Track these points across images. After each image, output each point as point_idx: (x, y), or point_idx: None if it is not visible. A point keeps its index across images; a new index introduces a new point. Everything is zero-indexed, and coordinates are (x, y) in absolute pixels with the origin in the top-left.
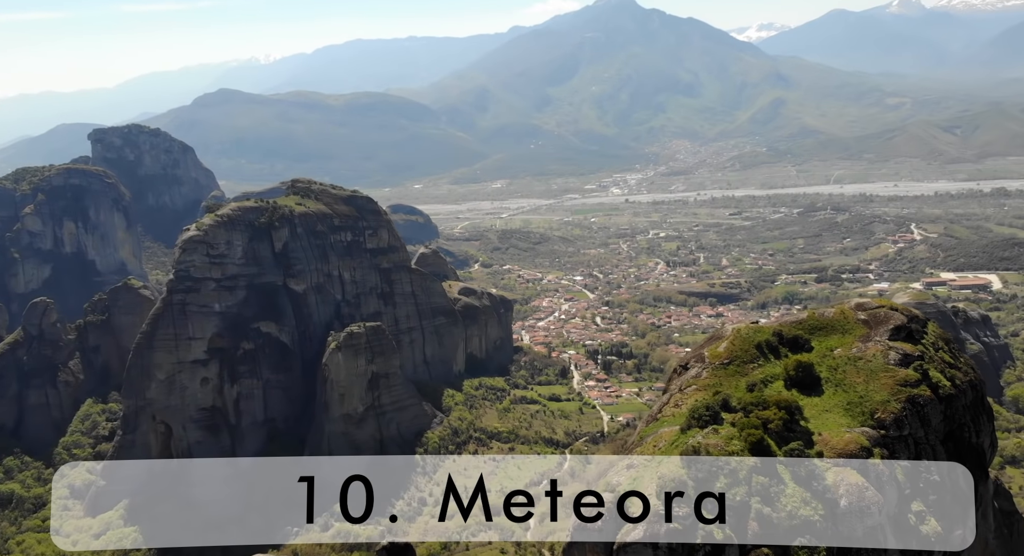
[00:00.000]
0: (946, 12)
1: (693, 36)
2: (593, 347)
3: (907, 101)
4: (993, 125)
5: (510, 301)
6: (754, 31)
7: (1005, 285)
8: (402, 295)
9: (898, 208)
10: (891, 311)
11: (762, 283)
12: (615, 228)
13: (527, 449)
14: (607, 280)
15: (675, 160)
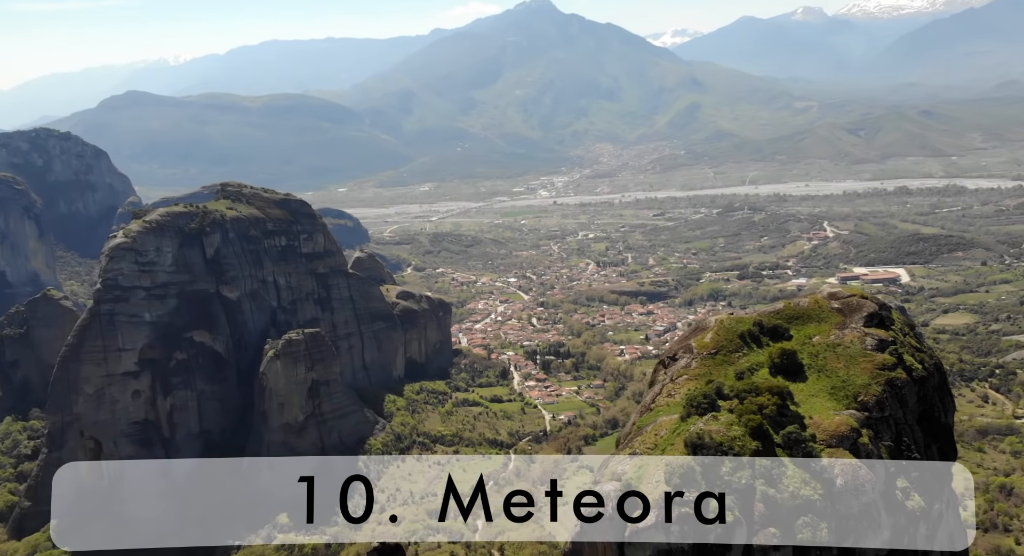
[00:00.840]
0: (846, 20)
1: (612, 41)
2: (531, 347)
3: (814, 105)
4: (894, 127)
5: (448, 304)
6: (669, 37)
7: (912, 278)
8: (339, 300)
9: (810, 207)
10: (862, 299)
11: (688, 281)
12: (545, 230)
13: (471, 451)
14: (541, 281)
15: (599, 163)
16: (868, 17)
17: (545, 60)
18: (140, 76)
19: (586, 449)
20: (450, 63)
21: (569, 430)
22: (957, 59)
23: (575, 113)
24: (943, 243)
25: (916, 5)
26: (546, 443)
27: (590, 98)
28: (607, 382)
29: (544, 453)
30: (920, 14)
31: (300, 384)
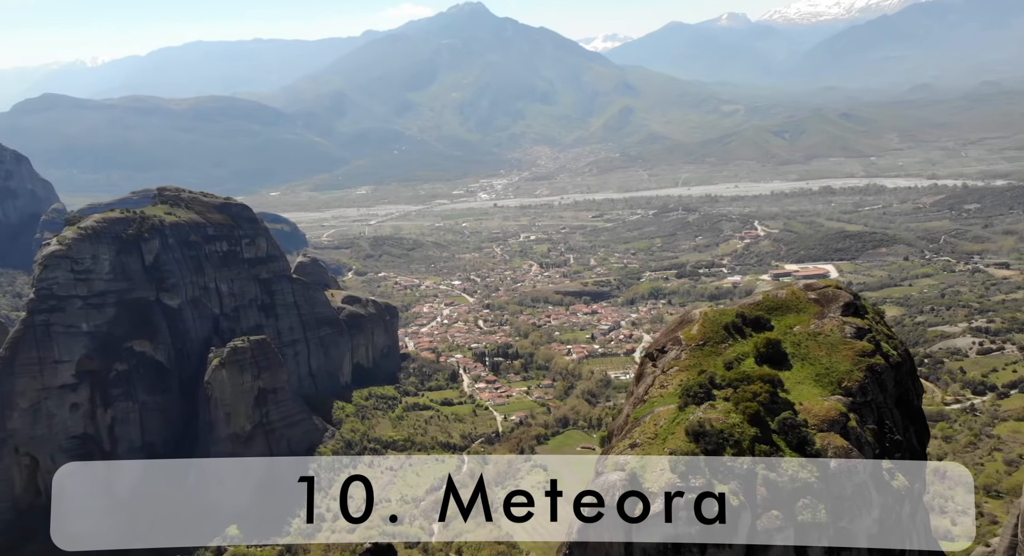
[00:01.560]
0: (769, 25)
1: (545, 45)
2: (480, 350)
3: (741, 108)
4: (816, 129)
5: (395, 308)
6: (600, 42)
7: (841, 274)
8: (284, 306)
9: (741, 207)
10: (837, 290)
11: (629, 280)
12: (487, 232)
13: (425, 456)
14: (485, 283)
15: (537, 165)
16: (789, 23)
17: (480, 63)
18: (55, 78)
19: (539, 448)
20: (384, 65)
21: (521, 430)
22: (873, 64)
23: (512, 116)
24: (867, 240)
25: (833, 12)
26: (499, 444)
27: (526, 101)
28: (556, 382)
29: (498, 454)
30: (837, 20)
31: (247, 393)
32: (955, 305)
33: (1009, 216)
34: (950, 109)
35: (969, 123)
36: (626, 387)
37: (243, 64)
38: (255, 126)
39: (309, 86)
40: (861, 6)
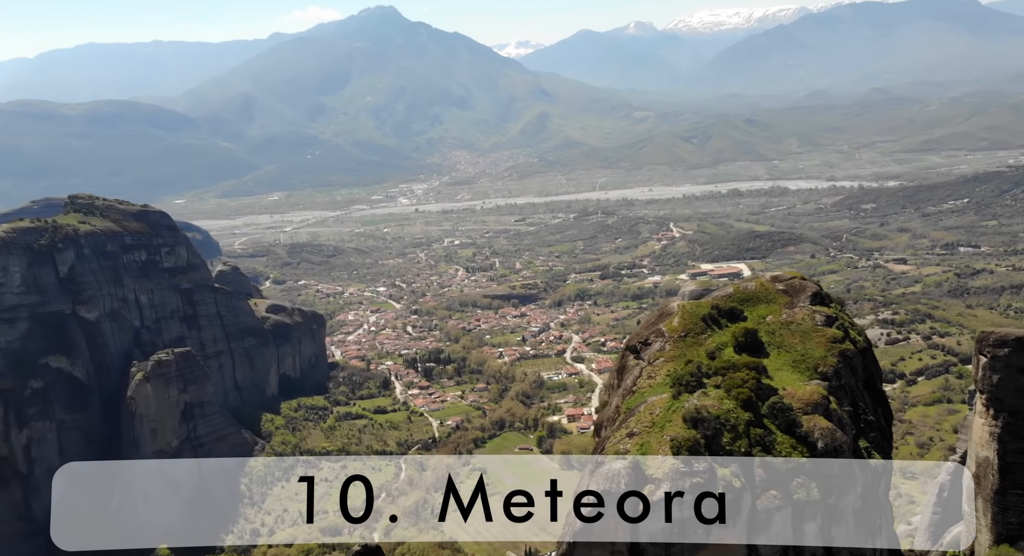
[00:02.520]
0: (674, 34)
1: (460, 50)
2: (410, 356)
3: (651, 115)
4: (722, 135)
5: (322, 316)
6: (513, 48)
7: (753, 272)
8: (207, 317)
9: (656, 210)
10: (803, 281)
11: (556, 283)
12: (410, 238)
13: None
14: (411, 289)
15: (456, 170)
16: (693, 32)
17: (395, 67)
18: None
19: (477, 452)
20: (293, 68)
21: (458, 435)
22: (771, 71)
23: (429, 120)
24: (776, 239)
25: (734, 22)
26: (436, 449)
27: (443, 106)
28: (490, 385)
29: (435, 459)
30: (737, 30)
31: (173, 407)
32: (861, 299)
33: (902, 215)
34: (843, 115)
35: (861, 128)
36: (559, 387)
37: (141, 67)
38: (157, 131)
39: (214, 90)
40: (759, 16)
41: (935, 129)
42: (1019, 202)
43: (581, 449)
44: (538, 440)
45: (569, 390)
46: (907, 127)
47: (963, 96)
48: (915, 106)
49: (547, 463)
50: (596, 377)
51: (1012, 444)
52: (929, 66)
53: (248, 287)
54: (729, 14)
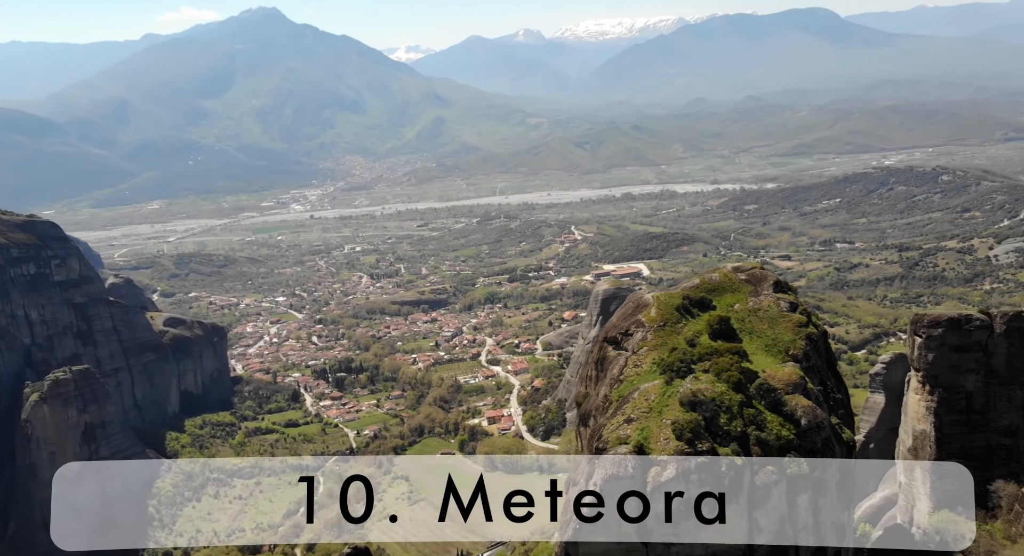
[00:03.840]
0: (561, 42)
1: (349, 54)
2: (319, 366)
3: (544, 121)
4: (612, 141)
5: (223, 328)
6: (403, 52)
7: (652, 271)
8: (102, 332)
9: (556, 213)
10: (762, 271)
11: (465, 287)
12: (307, 245)
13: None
14: (313, 298)
15: (352, 175)
16: (579, 40)
17: (281, 70)
18: None
19: (397, 459)
20: (170, 70)
21: (377, 444)
22: (654, 80)
23: (320, 125)
24: (671, 240)
25: (617, 31)
26: (355, 460)
27: (334, 109)
28: (406, 392)
29: (355, 470)
30: (621, 39)
31: (72, 428)
32: None
33: (782, 214)
34: (723, 121)
35: (739, 133)
36: (477, 390)
37: None
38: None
39: (83, 93)
40: (641, 26)
41: (805, 134)
42: (885, 201)
43: (505, 450)
44: (460, 444)
45: (487, 393)
46: (780, 132)
47: (828, 103)
48: (786, 113)
49: (471, 466)
50: (513, 379)
51: (947, 417)
52: (797, 75)
53: (143, 300)
54: (612, 24)
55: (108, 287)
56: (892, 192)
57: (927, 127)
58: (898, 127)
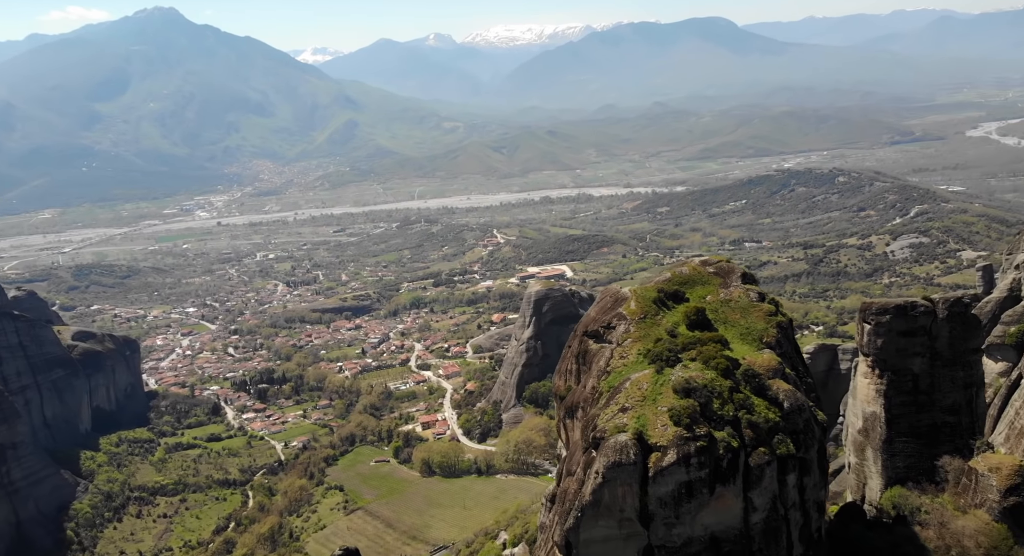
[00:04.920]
0: (473, 47)
1: (254, 56)
2: (239, 378)
3: (460, 125)
4: (528, 146)
5: (136, 341)
6: (310, 54)
7: (574, 273)
8: (7, 348)
9: (477, 217)
10: (728, 264)
11: (389, 292)
12: (216, 253)
13: (202, 497)
14: (226, 308)
15: (260, 180)
16: (490, 46)
17: (181, 72)
18: None
19: (330, 470)
20: (60, 73)
21: (307, 455)
22: (565, 86)
23: (225, 129)
24: (591, 242)
25: (527, 37)
26: (284, 473)
27: (239, 113)
28: (334, 401)
29: (285, 483)
30: (531, 45)
31: None
32: None
33: (692, 216)
34: (632, 127)
35: (648, 139)
36: (409, 396)
37: None
38: None
39: None
40: (550, 33)
41: (710, 139)
42: (787, 202)
43: (442, 455)
44: (395, 451)
45: (419, 398)
46: (687, 137)
47: (730, 109)
48: (692, 118)
49: (407, 472)
50: (445, 383)
51: (896, 398)
52: (700, 82)
53: (48, 313)
54: (522, 30)
55: (11, 300)
56: (793, 193)
57: (821, 131)
58: (795, 131)
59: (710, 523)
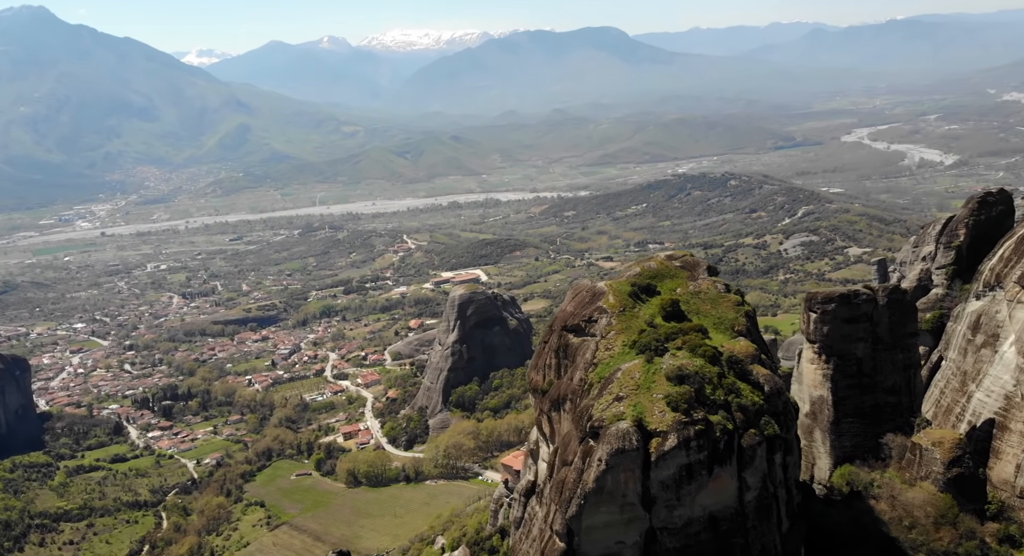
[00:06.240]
0: (369, 51)
1: (135, 57)
2: (140, 395)
3: (360, 130)
4: (433, 151)
5: (25, 360)
6: (195, 56)
7: (489, 277)
8: None
9: (384, 223)
10: (692, 258)
11: (296, 301)
12: (102, 265)
13: (111, 520)
14: (118, 323)
15: (146, 188)
16: (387, 50)
17: (54, 74)
18: None
19: (248, 486)
20: None
21: (222, 472)
22: (465, 92)
23: (105, 134)
24: (503, 246)
25: (424, 42)
26: (199, 491)
27: (121, 117)
28: (246, 415)
29: (201, 501)
30: (428, 50)
31: None
32: None
33: (598, 219)
34: (534, 133)
35: (550, 145)
36: (327, 407)
37: None
38: None
39: None
40: (447, 38)
41: (609, 145)
42: (685, 205)
43: (368, 464)
44: (316, 463)
45: (338, 408)
46: (587, 143)
47: (626, 116)
48: (590, 125)
49: (331, 484)
50: (365, 392)
51: (842, 382)
52: (596, 90)
53: None
54: (419, 35)
55: None
56: (690, 196)
57: (710, 138)
58: (686, 138)
59: (708, 503)
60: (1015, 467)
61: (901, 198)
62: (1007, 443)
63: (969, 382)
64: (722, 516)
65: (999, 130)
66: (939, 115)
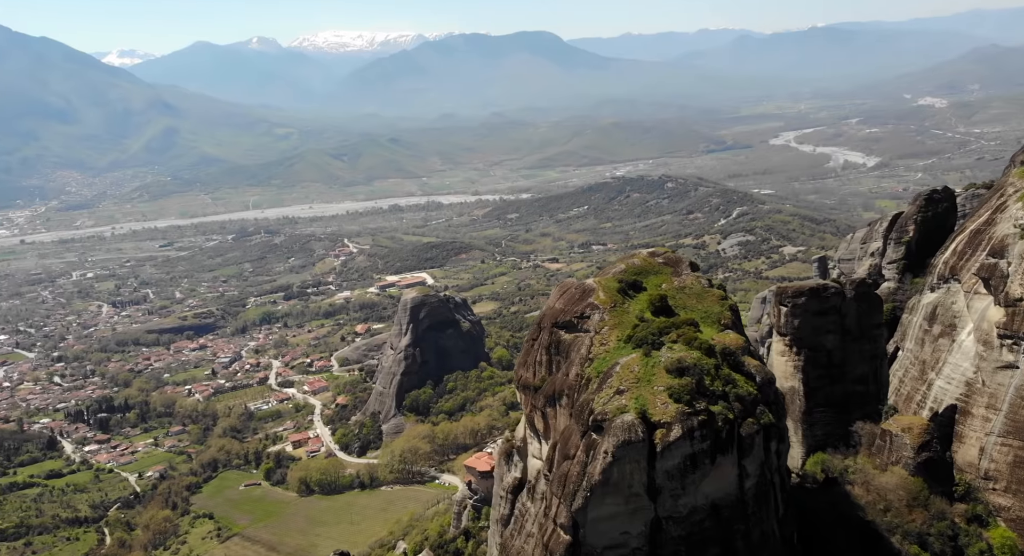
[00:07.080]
0: (300, 52)
1: (53, 57)
2: (73, 409)
3: (294, 132)
4: (370, 153)
5: None
6: (116, 57)
7: (435, 279)
8: None
9: (323, 227)
10: (674, 254)
11: (234, 308)
12: (23, 274)
13: (50, 538)
14: (44, 334)
15: (67, 193)
16: (319, 51)
17: None
18: None
19: (194, 498)
20: None
21: (166, 485)
22: (401, 94)
23: (21, 137)
24: (448, 248)
25: (358, 44)
26: (143, 505)
27: (37, 119)
28: (188, 426)
29: (146, 515)
30: (363, 52)
31: None
32: (537, 294)
33: (541, 222)
34: (473, 136)
35: (490, 147)
36: (273, 416)
37: None
38: None
39: None
40: (381, 40)
41: (547, 148)
42: (624, 207)
43: (321, 472)
44: (266, 473)
45: (285, 417)
46: (526, 147)
47: (563, 120)
48: (529, 128)
49: (282, 493)
50: (312, 399)
51: (813, 372)
52: (532, 94)
53: None
54: (352, 36)
55: None
56: (629, 199)
57: (645, 141)
58: (622, 141)
59: (710, 491)
60: (979, 450)
61: (828, 199)
62: (970, 427)
63: (929, 370)
64: (724, 503)
65: (916, 133)
66: (860, 119)
